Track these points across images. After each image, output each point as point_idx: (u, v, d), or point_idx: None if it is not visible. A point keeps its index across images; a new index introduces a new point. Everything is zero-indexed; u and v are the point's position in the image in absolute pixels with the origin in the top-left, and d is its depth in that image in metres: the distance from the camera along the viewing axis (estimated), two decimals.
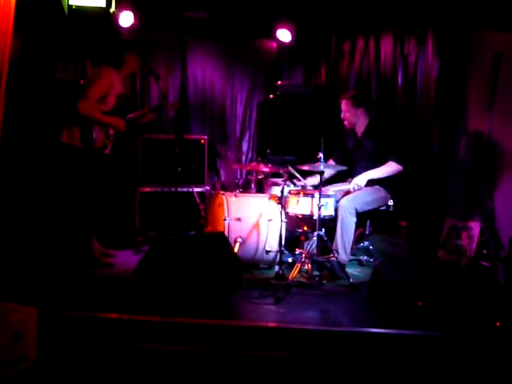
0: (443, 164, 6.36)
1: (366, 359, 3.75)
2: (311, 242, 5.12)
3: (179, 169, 5.81)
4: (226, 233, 5.20)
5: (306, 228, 5.46)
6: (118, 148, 5.65)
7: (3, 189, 5.82)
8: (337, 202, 5.33)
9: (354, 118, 5.69)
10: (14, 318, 3.37)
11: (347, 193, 5.50)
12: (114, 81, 5.35)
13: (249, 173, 6.53)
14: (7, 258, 5.18)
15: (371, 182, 5.48)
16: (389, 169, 5.49)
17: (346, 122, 5.76)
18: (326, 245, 5.14)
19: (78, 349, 3.71)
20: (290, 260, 5.34)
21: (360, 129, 5.73)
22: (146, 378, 3.45)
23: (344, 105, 5.71)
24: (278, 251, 5.18)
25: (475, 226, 5.71)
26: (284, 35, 7.07)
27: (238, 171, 7.32)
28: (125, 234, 6.33)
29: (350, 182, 5.61)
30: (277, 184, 5.88)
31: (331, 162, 5.92)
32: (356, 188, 5.41)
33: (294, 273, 4.97)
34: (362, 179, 5.42)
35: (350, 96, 5.78)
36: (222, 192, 5.69)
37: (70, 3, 5.88)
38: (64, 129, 5.31)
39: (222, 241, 4.70)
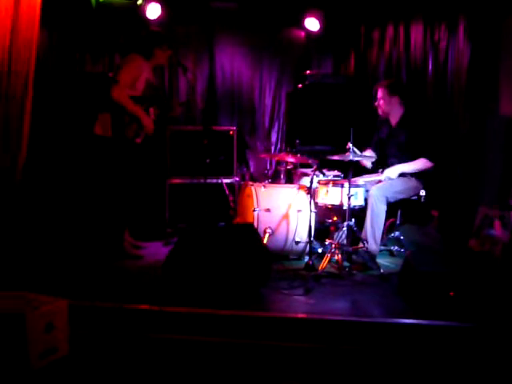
0: (476, 151, 6.27)
1: (397, 350, 3.71)
2: (341, 233, 5.10)
3: (208, 160, 5.80)
4: (256, 224, 5.20)
5: (335, 218, 5.44)
6: (148, 140, 5.66)
7: (37, 182, 5.90)
8: (367, 191, 5.29)
9: (388, 106, 5.63)
10: (46, 309, 3.40)
11: (378, 182, 5.45)
12: (142, 66, 5.37)
13: (278, 163, 6.51)
14: (40, 251, 5.25)
15: (400, 174, 5.42)
16: (420, 165, 5.43)
17: (379, 110, 5.70)
18: (356, 235, 5.11)
19: (108, 341, 3.74)
20: (319, 250, 5.31)
21: (394, 118, 5.66)
22: (175, 368, 3.46)
23: (379, 92, 5.66)
24: (307, 242, 5.17)
25: (510, 215, 5.60)
26: (312, 24, 7.02)
27: (267, 162, 7.31)
28: (154, 225, 6.37)
29: (381, 172, 5.57)
30: (306, 174, 5.86)
31: (369, 150, 5.86)
32: (387, 180, 5.37)
33: (324, 263, 4.95)
34: (393, 172, 5.38)
35: (385, 84, 5.71)
36: (251, 183, 5.68)
37: None
38: (96, 121, 5.34)
39: (251, 232, 4.69)
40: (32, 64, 4.72)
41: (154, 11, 6.48)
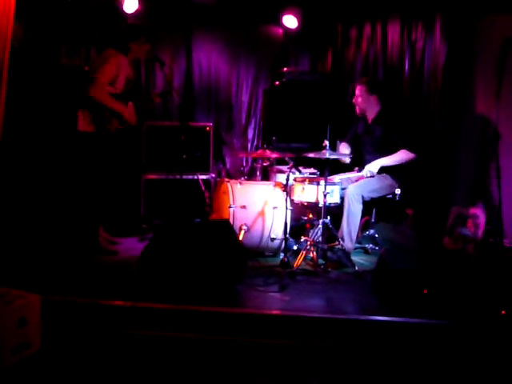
0: (450, 151, 6.32)
1: (371, 347, 3.74)
2: (316, 230, 5.11)
3: (184, 156, 5.78)
4: (231, 220, 5.19)
5: (311, 216, 5.46)
6: (124, 135, 5.63)
7: (10, 176, 5.83)
8: (342, 189, 5.31)
9: (365, 103, 5.65)
10: (19, 304, 3.37)
11: (357, 179, 5.48)
12: (122, 64, 5.33)
13: (254, 160, 6.51)
14: (12, 245, 5.19)
15: (379, 170, 5.45)
16: (402, 157, 5.46)
17: (357, 108, 5.72)
18: (332, 232, 5.13)
19: (81, 336, 3.71)
20: (295, 248, 5.33)
21: (371, 115, 5.69)
22: (149, 365, 3.45)
23: (358, 90, 5.68)
24: (283, 239, 5.17)
25: (481, 214, 5.67)
26: (290, 21, 7.01)
27: (244, 159, 7.29)
28: (129, 221, 6.34)
29: (357, 170, 5.60)
30: (282, 171, 5.86)
31: (344, 144, 5.88)
32: (368, 175, 5.40)
33: (299, 260, 4.97)
34: (375, 166, 5.40)
35: (365, 81, 5.73)
36: (227, 179, 5.68)
37: None
38: (78, 117, 5.30)
39: (226, 228, 4.68)
40: (6, 55, 4.63)
41: (131, 5, 6.41)
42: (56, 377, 3.26)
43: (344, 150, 5.85)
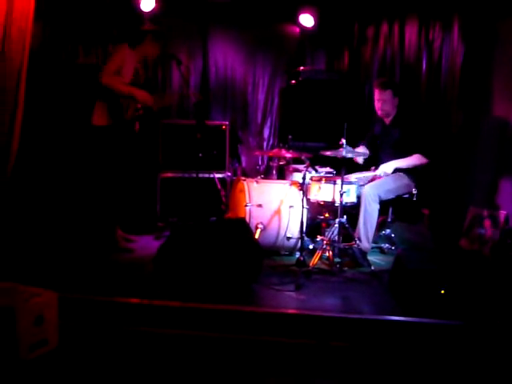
0: (467, 151, 6.29)
1: (387, 347, 3.73)
2: (333, 229, 5.11)
3: (200, 154, 5.78)
4: (247, 219, 5.20)
5: (327, 215, 5.46)
6: (140, 133, 5.65)
7: (29, 175, 5.87)
8: (360, 186, 5.29)
9: (391, 107, 5.59)
10: (36, 301, 3.40)
11: (371, 180, 5.46)
12: (126, 55, 5.36)
13: (270, 159, 6.51)
14: (30, 243, 5.22)
15: (395, 170, 5.43)
16: (415, 161, 5.45)
17: (380, 112, 5.64)
18: (348, 232, 5.12)
19: (98, 334, 3.73)
20: (311, 247, 5.33)
21: (390, 117, 5.66)
22: (165, 362, 3.46)
23: (385, 94, 5.55)
24: (299, 238, 5.17)
25: (499, 215, 5.64)
26: (307, 20, 7.01)
27: (260, 157, 7.28)
28: (146, 219, 6.35)
29: (373, 170, 5.58)
30: (298, 170, 5.86)
31: (362, 147, 5.86)
32: (383, 175, 5.38)
33: (315, 260, 4.96)
34: (389, 167, 5.39)
35: (391, 85, 5.63)
36: (243, 178, 5.68)
37: None
38: (93, 112, 5.34)
39: (242, 227, 4.69)
40: (26, 56, 4.69)
41: (148, 4, 6.44)
42: (72, 373, 3.28)
43: (362, 149, 5.83)
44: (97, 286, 4.31)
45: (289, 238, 5.35)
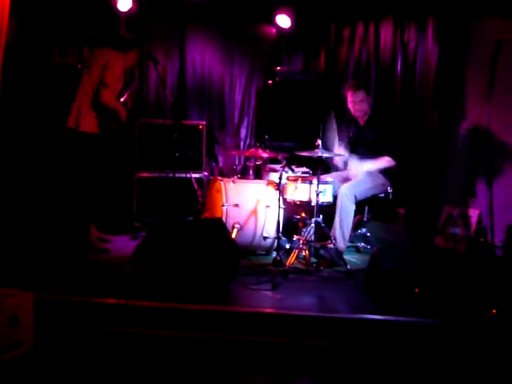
0: (442, 151, 6.35)
1: (363, 346, 3.76)
2: (309, 229, 5.13)
3: (177, 154, 5.78)
4: (224, 219, 5.20)
5: (303, 214, 5.47)
6: (117, 132, 5.63)
7: (1, 174, 5.82)
8: (335, 188, 5.33)
9: (367, 106, 5.63)
10: (10, 302, 3.37)
11: (345, 180, 5.50)
12: (123, 65, 5.37)
13: (247, 159, 6.52)
14: (4, 243, 5.17)
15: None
16: (384, 163, 5.50)
17: (358, 113, 5.66)
18: (324, 231, 5.15)
19: (75, 335, 3.72)
20: (287, 246, 5.34)
21: (364, 118, 5.70)
22: (142, 363, 3.46)
23: (359, 95, 5.57)
24: (275, 237, 5.18)
25: (473, 214, 5.71)
26: (283, 21, 7.04)
27: (236, 157, 7.31)
28: (122, 219, 6.32)
29: (347, 169, 5.63)
30: (275, 170, 5.87)
31: (340, 148, 5.86)
32: (355, 178, 5.43)
33: (292, 259, 4.98)
34: (360, 172, 5.43)
35: (363, 85, 5.67)
36: (219, 178, 5.68)
37: None
38: (70, 114, 5.30)
39: (219, 227, 4.70)
40: (1, 53, 4.63)
41: (125, 4, 6.42)
42: (49, 374, 3.26)
43: (340, 151, 5.84)
44: (73, 287, 4.28)
45: (265, 238, 5.36)
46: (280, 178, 5.17)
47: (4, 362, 3.25)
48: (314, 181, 5.08)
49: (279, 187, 5.19)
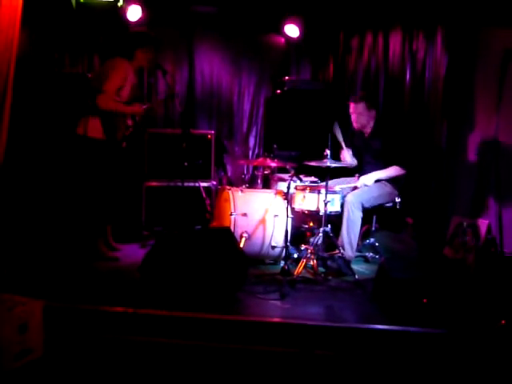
0: (450, 161, 6.34)
1: (371, 356, 3.75)
2: (317, 238, 5.13)
3: (186, 163, 5.80)
4: (232, 228, 5.21)
5: (311, 224, 5.48)
6: (126, 142, 5.66)
7: (13, 183, 5.84)
8: (343, 197, 5.33)
9: (366, 120, 5.64)
10: (20, 310, 3.38)
11: (354, 188, 5.51)
12: (128, 72, 5.36)
13: (255, 168, 6.53)
14: (14, 251, 5.20)
15: (376, 180, 5.48)
16: (393, 172, 5.51)
17: (356, 125, 5.68)
18: (332, 241, 5.15)
19: (83, 342, 3.73)
20: (295, 256, 5.34)
21: (368, 130, 5.70)
22: (151, 371, 3.46)
23: (358, 107, 5.60)
24: (283, 247, 5.18)
25: (482, 224, 5.69)
26: (292, 30, 7.07)
27: (245, 166, 7.33)
28: (131, 228, 6.34)
29: (357, 177, 5.63)
30: (283, 180, 5.89)
31: (347, 150, 5.87)
32: (363, 187, 5.43)
33: (300, 268, 4.98)
34: (369, 180, 5.45)
35: (363, 98, 5.65)
36: (228, 187, 5.69)
37: None
38: (79, 121, 5.33)
39: (227, 236, 4.70)
40: (12, 64, 4.66)
41: (134, 13, 6.47)
42: (58, 382, 3.27)
43: (347, 155, 5.83)
44: (82, 295, 4.30)
45: (273, 247, 5.36)
46: (288, 188, 5.18)
47: (14, 370, 3.26)
48: (322, 190, 5.09)
49: (287, 196, 5.20)
